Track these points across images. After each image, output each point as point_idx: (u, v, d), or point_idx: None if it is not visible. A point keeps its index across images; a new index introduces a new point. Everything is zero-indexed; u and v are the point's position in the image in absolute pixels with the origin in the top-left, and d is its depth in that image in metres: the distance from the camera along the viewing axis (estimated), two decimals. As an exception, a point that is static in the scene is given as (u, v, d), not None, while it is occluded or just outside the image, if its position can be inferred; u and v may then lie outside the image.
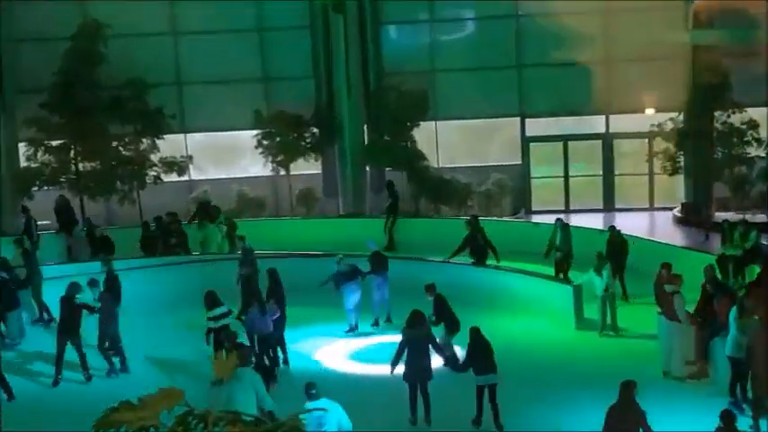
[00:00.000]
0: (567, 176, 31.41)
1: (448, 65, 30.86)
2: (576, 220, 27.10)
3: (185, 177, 29.94)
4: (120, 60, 28.20)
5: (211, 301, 16.31)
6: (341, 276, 18.74)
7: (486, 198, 30.07)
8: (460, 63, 30.80)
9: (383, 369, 14.61)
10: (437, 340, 14.18)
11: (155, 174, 28.53)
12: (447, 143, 31.36)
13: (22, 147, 28.51)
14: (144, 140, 28.58)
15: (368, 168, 30.10)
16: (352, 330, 18.71)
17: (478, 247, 21.22)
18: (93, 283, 17.28)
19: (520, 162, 31.29)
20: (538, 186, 31.60)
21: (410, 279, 19.26)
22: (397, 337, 14.40)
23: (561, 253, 20.97)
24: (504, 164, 31.10)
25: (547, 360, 16.88)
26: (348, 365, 17.28)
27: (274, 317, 16.49)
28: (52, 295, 18.22)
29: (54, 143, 27.83)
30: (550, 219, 23.31)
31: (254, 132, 29.43)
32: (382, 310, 19.29)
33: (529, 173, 31.45)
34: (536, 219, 28.54)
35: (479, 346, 13.74)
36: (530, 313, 18.98)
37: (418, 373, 13.75)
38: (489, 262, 21.18)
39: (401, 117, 28.86)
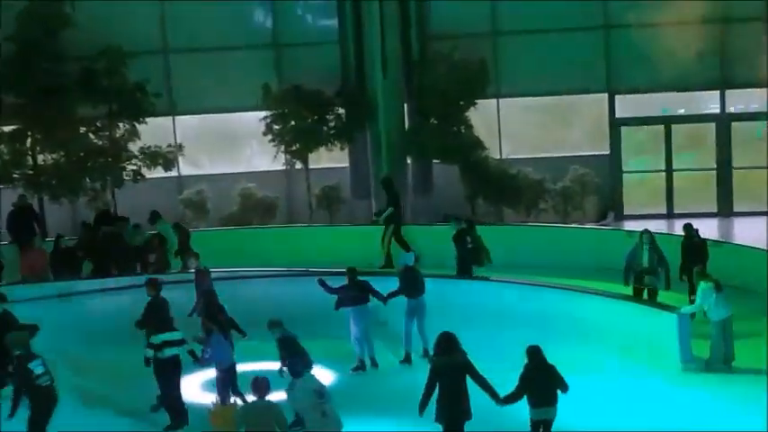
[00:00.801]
0: (669, 170, 31.35)
1: (513, 26, 30.91)
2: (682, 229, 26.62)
3: (173, 173, 30.29)
4: (91, 24, 28.74)
5: (161, 324, 16.21)
6: (345, 297, 18.66)
7: (564, 198, 30.23)
8: (530, 23, 30.66)
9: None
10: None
11: (134, 168, 28.63)
12: (512, 128, 31.41)
13: (-36, 135, 28.19)
14: (121, 125, 28.75)
15: (409, 161, 30.07)
16: (361, 368, 18.64)
17: (466, 253, 21.34)
18: None
19: (608, 152, 31.37)
20: (631, 183, 31.67)
21: (447, 301, 19.39)
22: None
23: (651, 277, 20.24)
24: (586, 154, 31.22)
25: (646, 408, 16.42)
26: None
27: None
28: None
29: (6, 129, 28.02)
30: (648, 226, 22.46)
31: (263, 114, 29.44)
32: (416, 342, 19.01)
33: (620, 166, 31.43)
34: (629, 225, 28.15)
35: (539, 371, 13.69)
36: (621, 348, 18.58)
37: (454, 412, 13.52)
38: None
39: (452, 94, 28.97)
